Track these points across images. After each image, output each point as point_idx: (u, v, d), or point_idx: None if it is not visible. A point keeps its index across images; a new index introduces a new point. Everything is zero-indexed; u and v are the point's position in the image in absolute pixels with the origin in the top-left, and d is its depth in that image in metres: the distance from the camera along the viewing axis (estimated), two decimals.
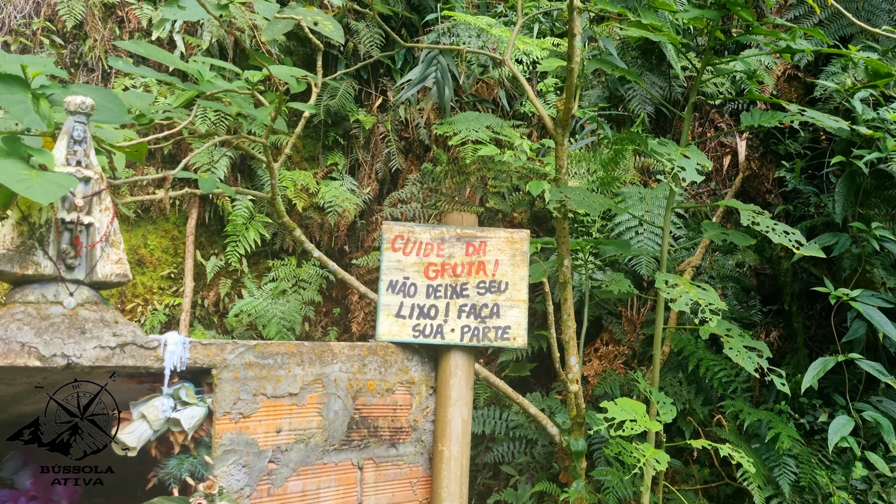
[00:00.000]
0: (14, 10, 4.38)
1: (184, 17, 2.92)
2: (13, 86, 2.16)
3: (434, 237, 2.76)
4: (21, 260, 2.04)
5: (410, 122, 5.03)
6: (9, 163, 2.03)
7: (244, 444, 2.31)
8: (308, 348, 2.48)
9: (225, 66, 3.11)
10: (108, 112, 2.30)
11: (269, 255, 4.80)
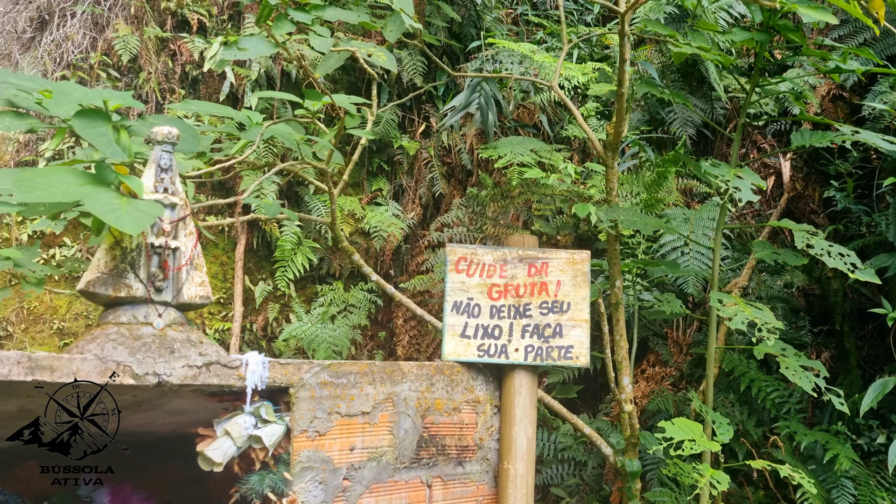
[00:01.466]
0: (72, 45, 4.54)
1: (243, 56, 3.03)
2: (96, 119, 2.25)
3: (497, 259, 2.82)
4: (114, 283, 2.12)
5: (453, 148, 5.12)
6: (100, 192, 2.11)
7: (320, 462, 2.36)
8: (379, 368, 2.54)
9: (286, 97, 3.21)
10: (185, 142, 2.39)
11: (316, 279, 4.88)
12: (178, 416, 2.59)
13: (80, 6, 4.62)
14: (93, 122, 2.18)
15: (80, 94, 2.21)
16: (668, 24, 4.62)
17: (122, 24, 4.62)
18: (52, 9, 4.63)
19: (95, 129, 2.16)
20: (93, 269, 2.12)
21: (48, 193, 2.03)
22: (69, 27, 4.59)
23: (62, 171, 2.13)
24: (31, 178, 2.05)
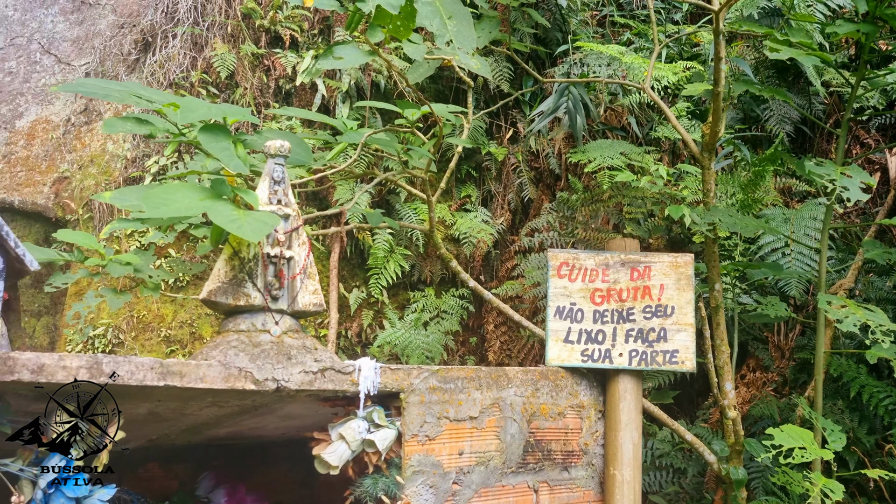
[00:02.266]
0: (174, 64, 4.75)
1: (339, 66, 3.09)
2: (218, 133, 2.36)
3: (599, 263, 2.80)
4: (234, 292, 2.21)
5: (541, 153, 5.11)
6: (220, 204, 2.21)
7: (431, 466, 2.39)
8: (485, 373, 2.56)
9: (383, 106, 3.27)
10: (297, 155, 2.48)
11: (408, 286, 4.94)
12: (288, 420, 2.67)
13: (180, 28, 4.82)
14: (216, 137, 2.28)
15: (204, 110, 2.31)
16: (762, 19, 4.49)
17: (219, 43, 4.80)
18: (154, 31, 4.84)
19: (218, 143, 2.26)
20: (213, 279, 2.22)
21: (173, 208, 2.13)
22: (171, 48, 4.79)
23: (184, 188, 2.24)
24: (157, 194, 2.16)
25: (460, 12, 2.52)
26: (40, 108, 4.85)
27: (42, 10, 5.07)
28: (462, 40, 2.45)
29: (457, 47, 2.44)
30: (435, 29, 2.43)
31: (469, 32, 2.49)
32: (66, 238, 2.68)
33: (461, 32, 2.46)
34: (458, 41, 2.44)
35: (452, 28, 2.44)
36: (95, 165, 4.76)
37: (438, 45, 2.47)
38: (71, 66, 4.93)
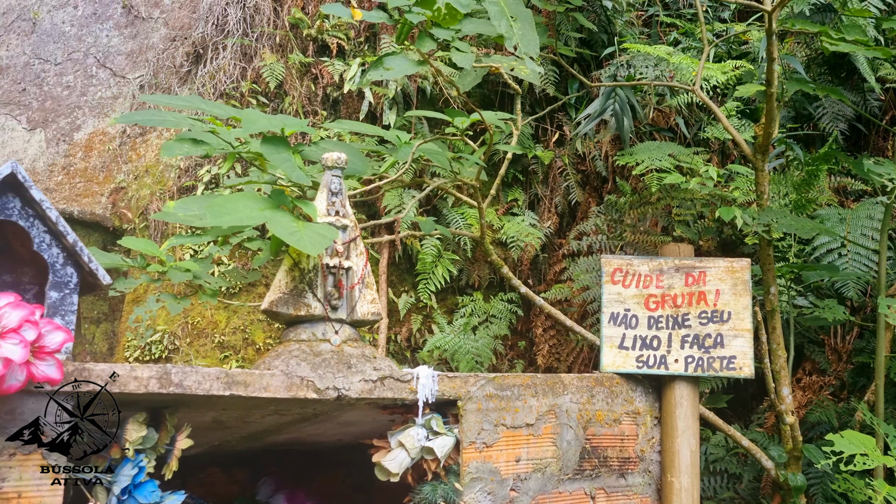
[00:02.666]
0: (224, 75, 4.84)
1: (388, 77, 3.12)
2: (278, 145, 2.41)
3: (652, 269, 2.79)
4: (294, 302, 2.25)
5: (587, 155, 5.09)
6: (280, 215, 2.25)
7: (488, 473, 2.41)
8: (541, 380, 2.56)
9: (432, 115, 3.30)
10: (353, 166, 2.51)
11: (456, 291, 4.96)
12: (346, 427, 2.71)
13: (230, 39, 4.91)
14: (277, 148, 2.33)
15: (264, 121, 2.36)
16: (813, 15, 4.41)
17: (268, 53, 4.88)
18: (205, 43, 4.95)
19: (280, 155, 2.30)
20: (274, 289, 2.26)
21: (235, 218, 2.18)
22: (221, 59, 4.89)
23: (245, 198, 2.29)
24: (220, 204, 2.21)
25: (523, 15, 2.54)
26: (97, 121, 4.99)
27: (97, 25, 5.21)
28: (527, 43, 2.47)
29: (523, 51, 2.45)
30: (503, 30, 2.44)
31: (533, 35, 2.51)
32: (129, 245, 2.76)
33: (526, 35, 2.48)
34: (523, 44, 2.46)
35: (518, 31, 2.46)
36: (150, 175, 4.87)
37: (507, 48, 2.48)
38: (126, 79, 5.05)
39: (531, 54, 2.74)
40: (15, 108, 5.05)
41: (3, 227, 2.01)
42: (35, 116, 5.03)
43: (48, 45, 5.19)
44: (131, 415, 2.03)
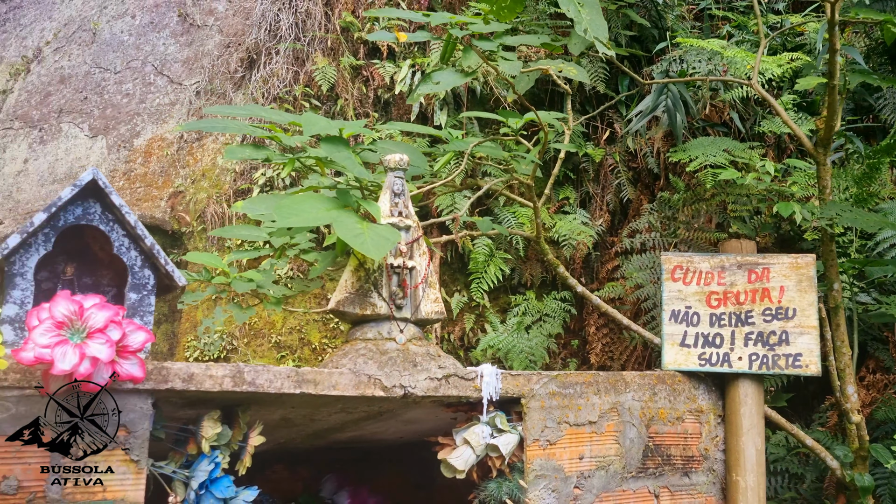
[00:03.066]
0: (278, 80, 4.92)
1: (437, 90, 3.16)
2: (339, 145, 2.45)
3: (714, 266, 2.77)
4: (360, 302, 2.29)
5: (639, 153, 5.06)
6: (345, 216, 2.29)
7: (552, 470, 2.42)
8: (603, 378, 2.56)
9: (486, 115, 3.31)
10: (414, 166, 2.54)
11: (509, 290, 4.97)
12: (409, 424, 2.74)
13: (283, 44, 5.00)
14: (337, 148, 2.38)
15: (323, 124, 2.41)
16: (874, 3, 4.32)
17: (320, 57, 4.95)
18: (259, 49, 5.04)
19: (340, 153, 2.35)
20: (341, 289, 2.30)
21: (301, 218, 2.23)
22: (274, 64, 4.97)
23: (312, 198, 2.33)
24: (288, 204, 2.26)
25: (590, 2, 2.55)
26: (155, 127, 5.11)
27: (154, 33, 5.34)
28: (595, 28, 2.48)
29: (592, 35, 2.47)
30: (573, 15, 2.46)
31: (600, 21, 2.53)
32: (194, 260, 2.83)
33: (594, 21, 2.49)
34: (592, 29, 2.47)
35: (586, 16, 2.47)
36: (207, 179, 4.98)
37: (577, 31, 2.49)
38: (182, 86, 5.17)
39: (601, 38, 2.75)
40: (77, 116, 5.21)
41: (84, 231, 2.09)
42: (96, 124, 5.18)
43: (108, 54, 5.34)
44: (206, 412, 2.09)
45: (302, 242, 3.09)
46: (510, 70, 3.34)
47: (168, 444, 2.09)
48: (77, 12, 5.65)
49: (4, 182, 5.23)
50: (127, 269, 2.03)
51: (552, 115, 3.25)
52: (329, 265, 3.23)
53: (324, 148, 2.35)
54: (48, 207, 1.94)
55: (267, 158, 2.77)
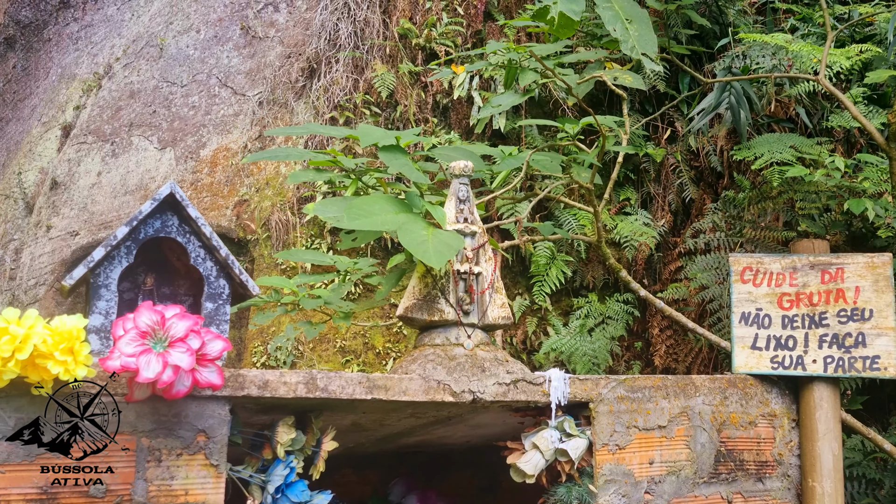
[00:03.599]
0: (338, 88, 5.01)
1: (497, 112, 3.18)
2: (396, 153, 2.49)
3: (785, 266, 2.71)
4: (428, 308, 2.32)
5: (701, 151, 4.98)
6: (412, 221, 2.31)
7: (622, 475, 2.40)
8: (672, 381, 2.54)
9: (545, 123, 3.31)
10: (480, 173, 2.56)
11: (571, 292, 4.94)
12: (476, 429, 2.76)
13: (342, 53, 5.08)
14: (395, 156, 2.42)
15: (379, 134, 2.46)
16: None
17: (379, 64, 5.02)
18: (319, 58, 5.13)
19: (398, 161, 2.39)
20: (409, 296, 2.33)
21: (370, 221, 2.27)
22: (334, 72, 5.06)
23: (382, 199, 2.37)
24: (358, 205, 2.30)
25: (639, 16, 2.53)
26: (220, 138, 5.25)
27: (218, 47, 5.49)
28: (644, 44, 2.46)
29: (640, 52, 2.45)
30: (619, 34, 2.45)
31: (650, 36, 2.50)
32: (265, 283, 2.91)
33: (643, 36, 2.47)
34: (640, 45, 2.45)
35: (634, 32, 2.46)
36: (271, 187, 5.09)
37: (622, 49, 2.49)
38: (245, 97, 5.30)
39: (649, 54, 2.72)
40: (147, 130, 5.38)
41: (162, 242, 2.17)
42: (165, 136, 5.34)
43: (174, 68, 5.51)
44: (280, 418, 2.14)
45: (364, 267, 3.14)
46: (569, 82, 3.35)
47: (244, 448, 2.15)
48: (145, 29, 5.84)
49: (80, 194, 5.44)
50: (203, 279, 2.10)
51: (610, 118, 3.23)
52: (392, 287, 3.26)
53: (382, 157, 2.39)
54: (129, 221, 2.02)
55: (330, 181, 2.83)
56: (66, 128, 5.91)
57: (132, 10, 6.11)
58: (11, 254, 5.77)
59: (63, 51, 6.29)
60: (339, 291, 2.94)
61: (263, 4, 5.58)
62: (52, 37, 6.37)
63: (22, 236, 5.75)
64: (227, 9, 5.63)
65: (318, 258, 3.06)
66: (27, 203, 5.84)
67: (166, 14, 5.85)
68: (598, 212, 3.27)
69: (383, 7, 5.23)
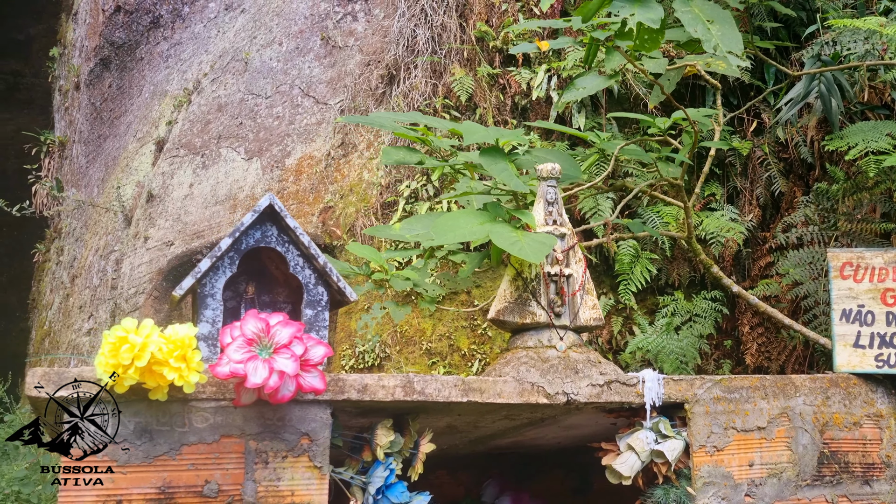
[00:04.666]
0: (417, 93, 5.07)
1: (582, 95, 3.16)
2: (496, 155, 2.51)
3: (888, 261, 2.61)
4: (519, 311, 2.33)
5: (790, 143, 4.82)
6: (500, 227, 2.34)
7: (721, 477, 2.37)
8: (770, 381, 2.48)
9: (633, 116, 3.28)
10: (567, 174, 2.56)
11: (656, 291, 4.87)
12: (568, 430, 2.76)
13: (420, 58, 5.14)
14: (495, 159, 2.44)
15: (482, 132, 2.49)
16: None
17: (457, 68, 5.06)
18: (398, 65, 5.21)
19: (497, 165, 2.41)
20: (500, 299, 2.36)
21: (459, 234, 2.31)
22: (413, 78, 5.13)
23: (465, 214, 2.41)
24: (443, 222, 2.34)
25: (720, 16, 2.49)
26: (304, 146, 5.39)
27: (300, 58, 5.64)
28: (728, 42, 2.41)
29: (725, 51, 2.41)
30: (700, 35, 2.41)
31: (733, 34, 2.45)
32: (355, 251, 2.98)
33: (726, 35, 2.42)
34: (724, 44, 2.41)
35: (716, 32, 2.41)
36: (354, 193, 5.20)
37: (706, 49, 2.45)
38: (327, 106, 5.43)
39: (735, 51, 2.67)
40: (234, 141, 5.58)
41: (261, 252, 2.25)
42: (251, 147, 5.53)
43: (258, 80, 5.69)
44: (379, 421, 2.20)
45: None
46: (656, 69, 3.29)
47: (344, 451, 2.21)
48: (230, 44, 6.05)
49: (174, 206, 5.69)
50: (302, 286, 2.17)
51: (701, 111, 3.18)
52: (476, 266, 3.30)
53: (481, 158, 2.42)
54: (232, 233, 2.11)
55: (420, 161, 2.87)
56: (159, 142, 6.18)
57: (218, 27, 6.34)
58: (112, 264, 6.07)
59: (154, 69, 6.58)
60: (424, 271, 2.99)
61: (343, 14, 5.70)
62: (143, 56, 6.67)
63: (122, 247, 6.05)
64: (307, 20, 5.77)
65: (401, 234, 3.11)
66: (126, 216, 6.13)
67: (250, 29, 6.04)
68: (688, 207, 3.22)
69: (460, 11, 5.27)
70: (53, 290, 7.33)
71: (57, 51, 8.20)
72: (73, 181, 7.32)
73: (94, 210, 6.72)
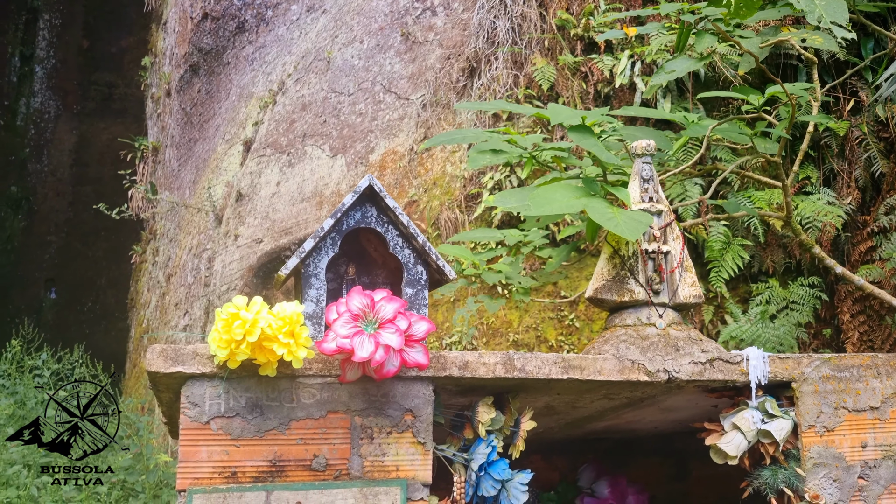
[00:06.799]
0: (499, 84, 5.08)
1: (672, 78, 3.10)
2: (585, 133, 2.50)
3: None
4: (617, 289, 2.31)
5: (890, 121, 4.62)
6: (596, 202, 2.32)
7: (832, 458, 2.29)
8: (883, 360, 2.38)
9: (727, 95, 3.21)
10: (661, 151, 2.53)
11: (748, 278, 4.74)
12: (666, 413, 2.71)
13: (500, 49, 5.15)
14: (584, 136, 2.43)
15: (567, 113, 2.48)
16: None
17: (538, 57, 5.04)
18: (478, 57, 5.23)
19: (587, 141, 2.40)
20: (597, 277, 2.34)
21: (555, 206, 2.30)
22: (494, 69, 5.14)
23: (562, 187, 2.40)
24: (540, 194, 2.34)
25: None
26: (387, 142, 5.47)
27: (381, 55, 5.73)
28: (833, 13, 2.34)
29: (829, 22, 2.33)
30: (803, 6, 2.34)
31: (839, 3, 2.37)
32: (446, 252, 3.01)
33: (830, 5, 2.35)
34: (828, 14, 2.33)
35: (820, 2, 2.34)
36: (438, 187, 5.24)
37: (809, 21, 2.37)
38: (409, 101, 5.49)
39: (840, 22, 2.58)
40: (319, 139, 5.71)
41: (360, 234, 2.30)
42: (335, 144, 5.64)
43: (341, 79, 5.80)
44: (480, 398, 2.21)
45: (535, 240, 3.18)
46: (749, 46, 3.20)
47: (446, 429, 2.23)
48: (312, 44, 6.19)
49: (262, 204, 5.85)
50: (402, 266, 2.21)
51: (798, 86, 3.08)
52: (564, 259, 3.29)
53: (572, 136, 2.41)
54: (334, 213, 2.16)
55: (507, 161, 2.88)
56: (246, 143, 6.38)
57: (300, 29, 6.50)
58: (205, 262, 6.30)
59: (241, 72, 6.79)
60: (517, 264, 2.99)
61: (422, 10, 5.76)
62: (230, 60, 6.90)
63: (213, 246, 6.27)
64: (387, 17, 5.86)
65: (489, 235, 3.13)
66: (216, 215, 6.35)
67: (331, 29, 6.17)
68: (786, 185, 3.12)
69: (539, 0, 5.26)
70: (150, 290, 7.65)
71: (148, 60, 8.56)
72: (167, 184, 7.63)
73: (186, 211, 6.99)
